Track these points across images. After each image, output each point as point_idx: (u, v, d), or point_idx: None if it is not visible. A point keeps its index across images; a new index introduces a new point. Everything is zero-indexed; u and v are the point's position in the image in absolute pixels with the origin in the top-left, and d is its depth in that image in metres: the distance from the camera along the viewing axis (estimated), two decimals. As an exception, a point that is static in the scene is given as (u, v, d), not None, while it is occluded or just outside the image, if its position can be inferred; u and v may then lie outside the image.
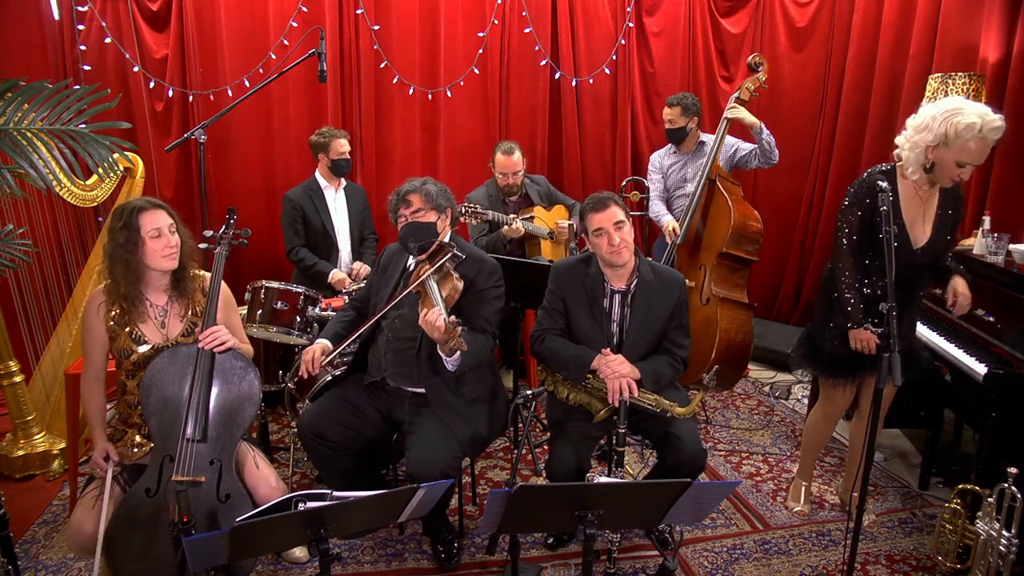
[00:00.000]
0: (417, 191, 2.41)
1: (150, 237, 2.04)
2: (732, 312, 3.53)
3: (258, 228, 4.15)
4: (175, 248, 2.09)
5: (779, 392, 3.98)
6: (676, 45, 4.67)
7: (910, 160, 2.30)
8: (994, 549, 2.12)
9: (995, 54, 3.48)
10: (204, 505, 1.94)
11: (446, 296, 2.25)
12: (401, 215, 2.43)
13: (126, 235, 2.04)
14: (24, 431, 3.05)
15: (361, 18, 4.17)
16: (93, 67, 3.90)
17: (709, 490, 1.83)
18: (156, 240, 2.05)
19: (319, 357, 2.36)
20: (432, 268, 2.30)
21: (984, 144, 2.20)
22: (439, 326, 2.11)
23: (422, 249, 2.40)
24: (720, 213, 3.55)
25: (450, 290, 2.27)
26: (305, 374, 2.35)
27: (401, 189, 2.45)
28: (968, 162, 2.23)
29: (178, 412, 1.97)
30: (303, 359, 2.37)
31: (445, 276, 2.30)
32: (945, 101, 2.26)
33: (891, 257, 2.00)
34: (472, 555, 2.52)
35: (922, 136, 2.25)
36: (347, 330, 2.51)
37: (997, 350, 2.53)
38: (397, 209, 2.45)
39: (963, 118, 2.16)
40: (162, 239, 2.06)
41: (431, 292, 2.24)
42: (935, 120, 2.21)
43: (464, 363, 2.30)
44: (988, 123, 2.17)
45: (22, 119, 2.04)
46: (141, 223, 2.04)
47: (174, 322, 2.15)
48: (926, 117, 2.24)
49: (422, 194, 2.40)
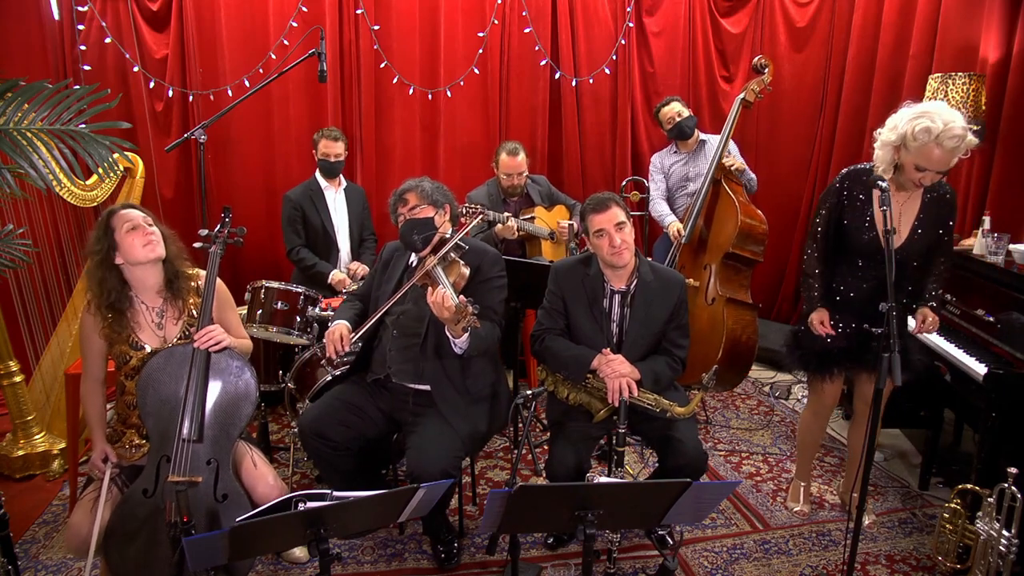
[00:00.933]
0: (413, 189, 2.46)
1: (125, 232, 2.05)
2: (737, 312, 3.54)
3: (258, 228, 4.17)
4: (154, 236, 2.08)
5: (779, 392, 3.98)
6: (676, 45, 4.67)
7: (879, 158, 2.28)
8: (994, 549, 2.11)
9: (995, 54, 3.48)
10: (202, 505, 1.94)
11: (453, 282, 2.25)
12: (400, 214, 2.47)
13: (102, 242, 2.06)
14: (24, 431, 3.05)
15: (361, 18, 4.17)
16: (93, 67, 3.90)
17: (709, 490, 1.83)
18: (132, 233, 2.06)
19: (347, 335, 2.35)
20: (436, 258, 2.30)
21: (943, 152, 2.11)
22: (448, 305, 2.11)
23: (425, 241, 2.40)
24: (726, 214, 3.55)
25: (456, 276, 2.28)
26: (334, 355, 2.33)
27: (398, 189, 2.50)
28: (926, 167, 2.17)
29: (175, 412, 1.97)
30: (329, 340, 2.35)
31: (451, 264, 2.31)
32: (925, 104, 2.22)
33: (891, 257, 2.00)
34: (472, 555, 2.52)
35: (888, 135, 2.22)
36: (360, 317, 2.52)
37: (997, 350, 2.53)
38: (396, 209, 2.48)
39: (924, 122, 2.11)
40: (138, 230, 2.06)
41: (438, 278, 2.23)
42: (902, 120, 2.18)
43: (473, 346, 2.29)
44: (947, 131, 2.09)
45: (22, 119, 2.03)
46: (114, 224, 2.06)
47: (170, 325, 2.15)
48: (898, 116, 2.21)
49: (418, 191, 2.45)
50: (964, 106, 3.26)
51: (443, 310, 2.13)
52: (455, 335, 2.26)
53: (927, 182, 2.23)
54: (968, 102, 3.26)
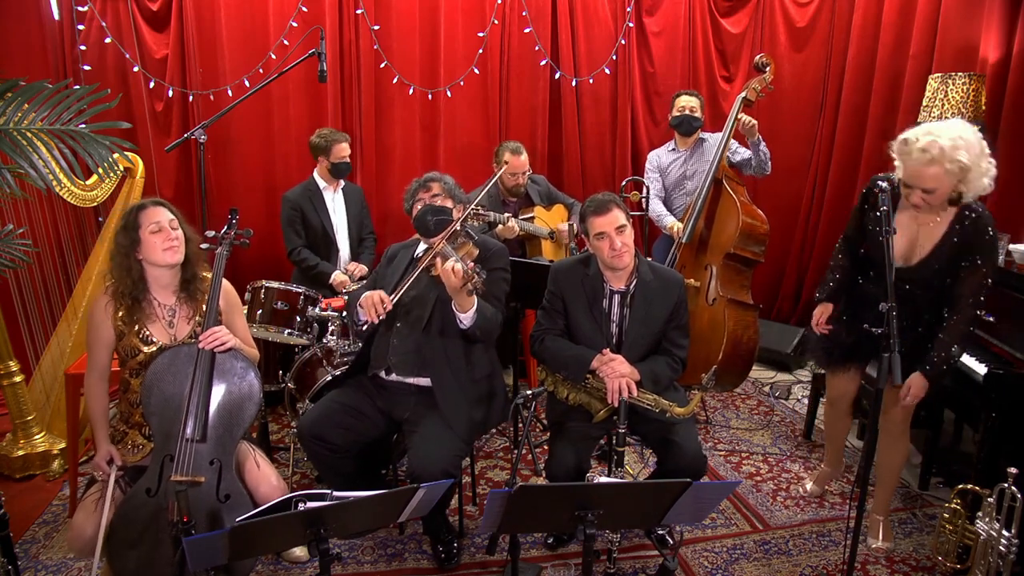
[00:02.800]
0: (438, 180, 2.54)
1: (150, 232, 2.06)
2: (738, 313, 3.54)
3: (258, 228, 4.13)
4: (176, 241, 2.09)
5: (779, 392, 3.98)
6: (676, 45, 4.66)
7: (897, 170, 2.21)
8: (994, 549, 2.11)
9: (995, 54, 3.48)
10: (204, 505, 1.94)
11: (462, 256, 2.24)
12: (420, 199, 2.50)
13: (128, 235, 2.07)
14: (24, 431, 3.05)
15: (361, 18, 4.17)
16: (93, 67, 3.90)
17: (709, 490, 1.84)
18: (156, 234, 2.06)
19: (386, 297, 2.23)
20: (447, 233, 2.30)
21: (916, 166, 2.05)
22: (457, 269, 2.11)
23: (439, 225, 2.38)
24: (728, 214, 3.55)
25: (465, 252, 2.27)
26: (375, 318, 2.21)
27: (422, 177, 2.56)
28: (908, 183, 2.11)
29: (178, 412, 1.98)
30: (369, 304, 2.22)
31: (461, 243, 2.31)
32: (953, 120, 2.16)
33: (891, 257, 2.00)
34: (472, 555, 2.52)
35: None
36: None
37: (997, 350, 2.54)
38: (416, 193, 2.52)
39: (909, 132, 2.07)
40: (162, 232, 2.06)
41: (447, 253, 2.22)
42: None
43: (478, 324, 2.28)
44: (917, 143, 2.04)
45: (22, 119, 2.04)
46: (141, 221, 2.07)
47: (182, 324, 2.16)
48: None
49: (442, 183, 2.53)
50: (964, 106, 3.26)
51: (451, 275, 2.12)
52: (462, 308, 2.24)
53: (917, 201, 2.14)
54: (968, 102, 3.27)
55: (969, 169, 2.07)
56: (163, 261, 2.08)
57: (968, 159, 2.06)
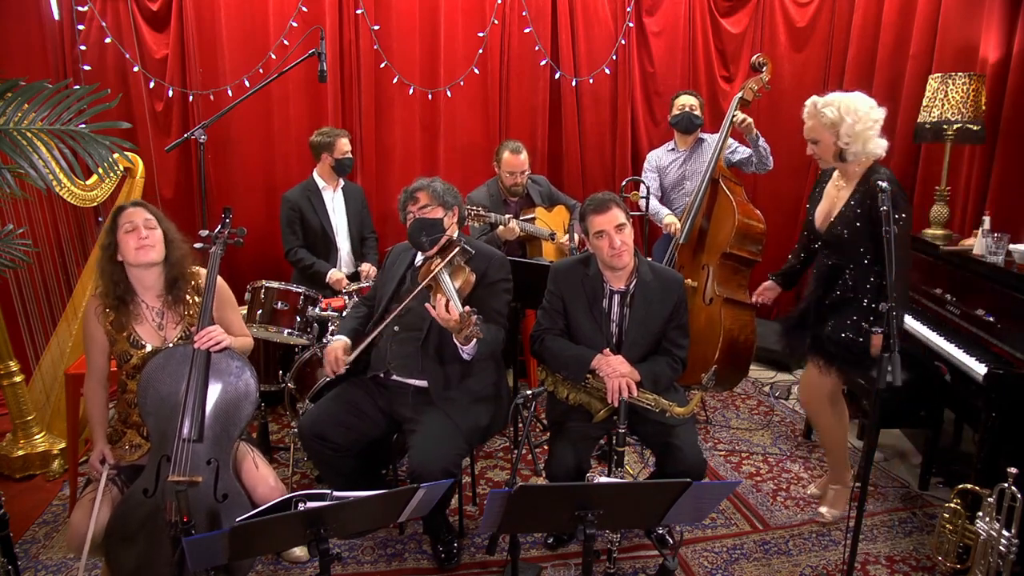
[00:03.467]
0: (424, 188, 2.48)
1: (124, 232, 2.07)
2: (735, 312, 3.54)
3: (258, 228, 4.17)
4: (148, 240, 2.08)
5: (779, 392, 3.98)
6: (676, 45, 4.66)
7: None
8: (994, 549, 2.11)
9: (995, 54, 3.48)
10: (202, 505, 1.94)
11: (459, 287, 2.25)
12: (409, 212, 2.48)
13: (108, 238, 2.10)
14: (24, 431, 3.05)
15: (361, 18, 4.17)
16: (93, 67, 3.90)
17: (709, 490, 1.83)
18: (129, 234, 2.07)
19: (342, 357, 2.37)
20: (443, 262, 2.30)
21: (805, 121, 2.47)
22: (452, 315, 2.12)
23: (432, 243, 2.41)
24: (724, 213, 3.55)
25: (463, 282, 2.28)
26: (332, 374, 2.38)
27: (409, 187, 2.52)
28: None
29: (175, 412, 1.97)
30: (327, 359, 2.38)
31: (457, 269, 2.31)
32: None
33: (891, 257, 2.00)
34: (472, 555, 2.52)
35: None
36: (363, 326, 2.53)
37: (997, 350, 2.53)
38: (406, 206, 2.50)
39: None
40: (135, 232, 2.07)
41: (444, 284, 2.23)
42: None
43: (480, 351, 2.31)
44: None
45: (22, 119, 2.04)
46: (119, 222, 2.09)
47: (170, 327, 2.16)
48: None
49: (428, 191, 2.47)
50: (964, 106, 3.25)
51: (446, 320, 2.15)
52: (461, 344, 2.27)
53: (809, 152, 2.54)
54: (968, 102, 3.26)
55: (839, 124, 2.35)
56: (136, 260, 2.08)
57: (833, 114, 2.36)
